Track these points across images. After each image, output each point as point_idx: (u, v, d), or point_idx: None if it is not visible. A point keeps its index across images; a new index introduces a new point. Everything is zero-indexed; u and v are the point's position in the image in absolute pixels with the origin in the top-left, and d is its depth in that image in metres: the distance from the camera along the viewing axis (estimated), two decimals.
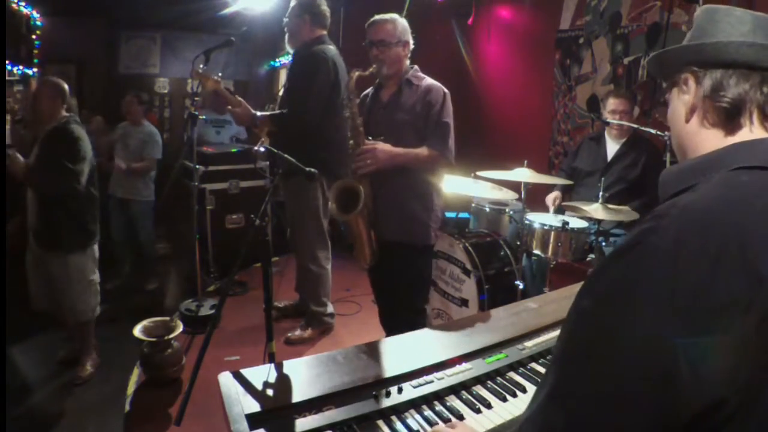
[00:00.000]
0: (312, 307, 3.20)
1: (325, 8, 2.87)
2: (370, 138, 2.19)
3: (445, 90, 2.23)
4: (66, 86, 2.66)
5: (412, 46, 2.28)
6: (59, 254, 2.61)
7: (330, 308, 3.28)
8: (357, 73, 2.21)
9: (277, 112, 2.93)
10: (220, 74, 2.83)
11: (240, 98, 2.80)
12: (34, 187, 2.61)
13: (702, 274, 0.56)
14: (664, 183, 0.75)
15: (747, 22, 0.74)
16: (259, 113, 2.83)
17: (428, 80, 2.26)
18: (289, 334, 3.14)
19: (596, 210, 2.63)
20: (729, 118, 0.72)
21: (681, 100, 0.78)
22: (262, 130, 2.87)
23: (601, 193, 2.69)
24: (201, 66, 2.78)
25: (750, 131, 0.71)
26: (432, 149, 2.16)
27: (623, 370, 0.58)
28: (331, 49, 2.81)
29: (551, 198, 3.26)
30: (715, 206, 0.61)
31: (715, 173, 0.67)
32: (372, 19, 2.25)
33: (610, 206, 2.68)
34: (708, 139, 0.74)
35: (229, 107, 2.80)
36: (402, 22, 2.25)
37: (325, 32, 2.88)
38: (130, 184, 4.04)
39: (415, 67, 2.31)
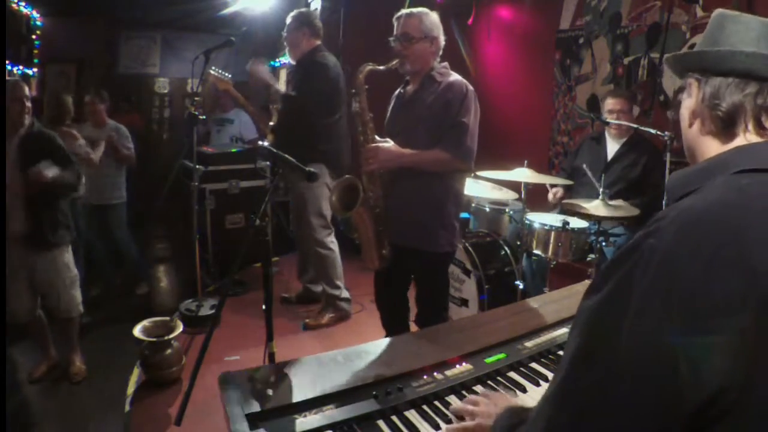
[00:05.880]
0: (327, 290, 3.30)
1: (319, 21, 3.19)
2: (391, 136, 2.12)
3: (469, 87, 2.08)
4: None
5: (442, 43, 2.15)
6: (52, 252, 2.58)
7: (345, 293, 3.36)
8: (369, 68, 2.07)
9: (291, 92, 3.15)
10: (229, 75, 3.07)
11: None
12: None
13: (697, 275, 0.56)
14: (671, 188, 0.75)
15: (753, 29, 0.74)
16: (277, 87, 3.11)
17: (453, 77, 2.11)
18: (307, 320, 3.26)
19: (597, 207, 2.63)
20: (724, 126, 0.73)
21: (685, 105, 0.79)
22: (268, 122, 3.21)
23: (601, 190, 2.68)
24: (213, 68, 3.03)
25: (744, 140, 0.72)
26: (444, 151, 2.03)
27: (623, 370, 0.59)
28: (328, 55, 3.13)
29: (552, 192, 3.26)
30: (714, 208, 0.62)
31: (718, 176, 0.68)
32: (399, 12, 2.13)
33: (611, 203, 2.68)
34: (708, 146, 0.75)
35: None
36: (432, 18, 2.11)
37: (320, 42, 3.16)
38: (100, 187, 3.56)
39: (444, 63, 2.17)
